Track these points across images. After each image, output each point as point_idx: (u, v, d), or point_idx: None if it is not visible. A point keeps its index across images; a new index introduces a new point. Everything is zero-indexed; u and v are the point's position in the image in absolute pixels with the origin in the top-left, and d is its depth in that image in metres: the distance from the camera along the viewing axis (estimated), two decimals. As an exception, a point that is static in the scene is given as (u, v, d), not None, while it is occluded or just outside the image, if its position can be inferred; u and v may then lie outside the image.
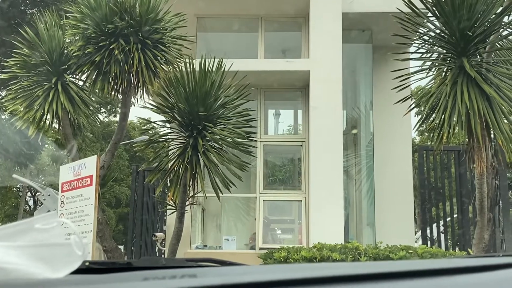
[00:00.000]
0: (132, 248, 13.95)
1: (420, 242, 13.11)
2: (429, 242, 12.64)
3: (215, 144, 8.42)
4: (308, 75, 11.31)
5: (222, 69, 8.45)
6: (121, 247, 14.23)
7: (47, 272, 0.81)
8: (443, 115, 7.90)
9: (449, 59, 8.16)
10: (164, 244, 12.55)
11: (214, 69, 8.36)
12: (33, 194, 22.92)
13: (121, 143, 10.28)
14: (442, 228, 13.41)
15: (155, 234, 13.27)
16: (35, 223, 0.84)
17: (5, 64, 9.43)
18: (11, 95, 9.06)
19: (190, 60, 8.34)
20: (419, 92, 10.01)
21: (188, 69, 8.32)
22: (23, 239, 0.83)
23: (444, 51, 8.23)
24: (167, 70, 8.61)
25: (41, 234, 0.83)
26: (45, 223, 0.84)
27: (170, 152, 8.70)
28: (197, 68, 8.37)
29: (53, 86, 8.78)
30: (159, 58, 8.42)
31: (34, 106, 8.81)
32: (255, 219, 11.52)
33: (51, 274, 0.81)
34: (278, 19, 12.67)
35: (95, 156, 7.03)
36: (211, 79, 8.29)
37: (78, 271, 0.84)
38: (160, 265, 1.05)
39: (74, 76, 9.28)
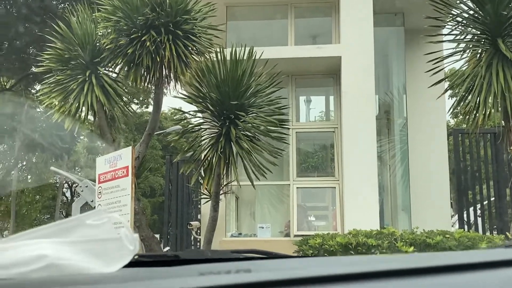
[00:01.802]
0: (168, 237, 14.12)
1: (456, 226, 12.96)
2: (466, 226, 12.49)
3: (247, 132, 8.43)
4: (339, 60, 11.22)
5: (253, 58, 8.44)
6: (157, 235, 14.40)
7: (100, 267, 0.83)
8: (479, 97, 7.78)
9: (483, 40, 8.01)
10: (199, 232, 12.67)
11: (245, 58, 8.35)
12: (70, 185, 23.34)
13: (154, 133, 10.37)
14: (479, 212, 13.21)
15: (190, 223, 13.40)
16: (87, 219, 0.86)
17: (39, 58, 9.57)
18: (47, 89, 9.20)
19: (221, 50, 8.35)
20: (453, 74, 9.84)
21: (219, 59, 8.33)
22: (76, 235, 0.85)
23: (478, 32, 8.09)
24: (198, 60, 8.64)
25: (93, 230, 0.86)
26: (96, 218, 0.86)
27: (203, 142, 8.75)
28: (228, 57, 8.38)
29: (87, 79, 8.89)
30: (190, 48, 8.46)
31: (70, 99, 8.95)
32: (290, 207, 11.53)
33: (104, 269, 0.83)
34: (308, 4, 12.57)
35: (130, 147, 7.12)
36: (242, 68, 8.29)
37: (129, 264, 0.87)
38: (207, 257, 1.06)
39: (107, 68, 9.39)
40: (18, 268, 0.80)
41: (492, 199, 12.99)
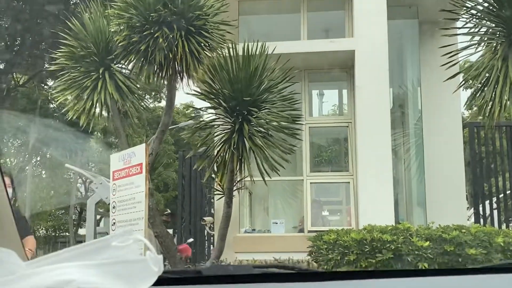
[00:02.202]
0: (182, 232, 14.19)
1: (472, 219, 12.90)
2: (481, 220, 12.43)
3: (260, 128, 8.42)
4: (352, 54, 11.15)
5: (266, 53, 8.42)
6: (170, 230, 14.48)
7: (125, 288, 0.83)
8: (494, 90, 7.72)
9: (498, 33, 7.95)
10: (213, 228, 12.71)
11: (257, 53, 8.34)
12: (84, 181, 23.50)
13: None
14: (494, 205, 13.14)
15: (204, 218, 13.46)
16: (112, 241, 0.87)
17: (52, 56, 9.62)
18: (60, 86, 9.26)
19: (233, 45, 8.34)
20: (468, 67, 9.76)
21: (232, 55, 8.32)
22: (101, 257, 0.86)
23: (493, 25, 8.02)
24: (210, 56, 8.64)
25: (118, 251, 0.86)
26: (121, 240, 0.87)
27: (216, 138, 8.76)
28: (240, 53, 8.36)
29: (100, 76, 8.94)
30: (202, 44, 8.46)
31: (84, 96, 9.00)
32: (303, 202, 11.52)
33: (128, 291, 0.83)
34: (321, -2, 12.53)
35: (144, 144, 7.15)
36: (255, 64, 8.28)
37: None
38: (229, 274, 1.07)
39: (120, 65, 9.43)
40: (44, 294, 0.80)
41: (508, 192, 12.91)
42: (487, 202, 13.00)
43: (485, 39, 8.15)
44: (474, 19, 8.21)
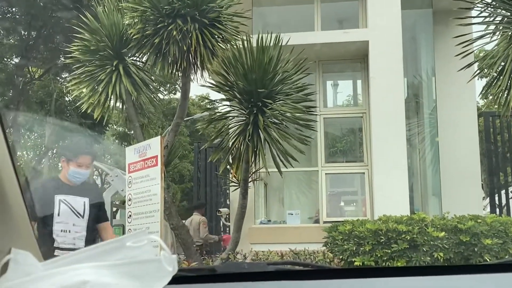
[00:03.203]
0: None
1: (488, 209, 12.82)
2: (497, 209, 12.35)
3: (275, 120, 8.42)
4: (366, 45, 11.10)
5: (280, 44, 8.39)
6: (185, 221, 14.55)
7: (140, 288, 0.84)
8: (510, 79, 7.64)
9: (514, 21, 7.85)
10: (228, 219, 12.75)
11: (271, 45, 8.32)
12: (100, 173, 23.64)
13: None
14: (510, 195, 13.04)
15: (219, 209, 13.51)
16: (127, 241, 0.87)
17: (67, 49, 9.65)
18: (76, 80, 9.30)
19: (247, 37, 8.32)
20: (482, 55, 9.65)
21: (246, 46, 8.31)
22: (116, 257, 0.86)
23: (509, 13, 7.92)
24: (224, 48, 8.62)
25: (133, 252, 0.86)
26: (136, 240, 0.87)
27: (231, 130, 8.76)
28: (254, 45, 8.35)
29: (114, 69, 8.96)
30: (216, 36, 8.44)
31: (98, 89, 9.03)
32: (318, 193, 11.51)
33: (143, 291, 0.84)
34: (334, -12, 12.45)
35: (159, 136, 7.18)
36: (269, 55, 8.25)
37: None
38: (244, 271, 1.07)
39: (134, 58, 9.45)
40: (60, 295, 0.81)
41: (524, 181, 12.81)
42: (503, 192, 12.90)
43: (500, 27, 8.06)
44: (489, 8, 8.11)
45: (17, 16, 18.64)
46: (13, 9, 18.82)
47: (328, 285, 0.99)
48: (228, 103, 8.93)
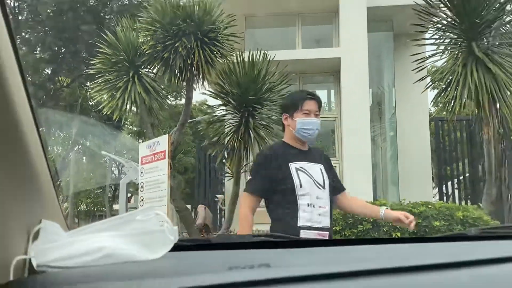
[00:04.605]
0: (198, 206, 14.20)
1: (437, 197, 12.91)
2: (445, 197, 12.44)
3: (263, 122, 8.43)
4: (339, 61, 11.13)
5: (267, 60, 8.40)
6: (189, 206, 14.53)
7: (147, 254, 0.85)
8: (456, 91, 7.70)
9: (460, 43, 7.91)
10: (224, 203, 12.74)
11: (260, 60, 8.33)
12: (117, 165, 23.57)
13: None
14: (456, 185, 13.15)
15: (217, 196, 13.50)
16: (137, 215, 0.87)
17: (91, 62, 9.63)
18: (98, 87, 9.27)
19: (241, 54, 8.33)
20: (434, 70, 9.70)
21: (239, 61, 8.31)
22: (128, 228, 0.87)
23: (456, 36, 7.98)
24: (222, 62, 8.62)
25: (142, 224, 0.87)
26: (144, 215, 0.87)
27: (226, 130, 8.76)
28: (246, 60, 8.35)
29: (130, 78, 8.94)
30: (215, 52, 8.43)
31: (117, 95, 9.00)
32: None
33: (150, 256, 0.85)
34: (313, 14, 12.46)
35: (167, 135, 7.18)
36: (258, 69, 8.26)
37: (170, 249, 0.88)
38: (233, 242, 1.08)
39: (147, 70, 9.42)
40: (82, 258, 0.81)
41: (467, 174, 12.91)
42: (449, 183, 13.02)
43: (449, 48, 8.12)
44: (440, 32, 8.17)
45: (50, 34, 18.53)
46: (46, 28, 18.72)
47: (309, 252, 1.00)
48: (224, 108, 8.92)
